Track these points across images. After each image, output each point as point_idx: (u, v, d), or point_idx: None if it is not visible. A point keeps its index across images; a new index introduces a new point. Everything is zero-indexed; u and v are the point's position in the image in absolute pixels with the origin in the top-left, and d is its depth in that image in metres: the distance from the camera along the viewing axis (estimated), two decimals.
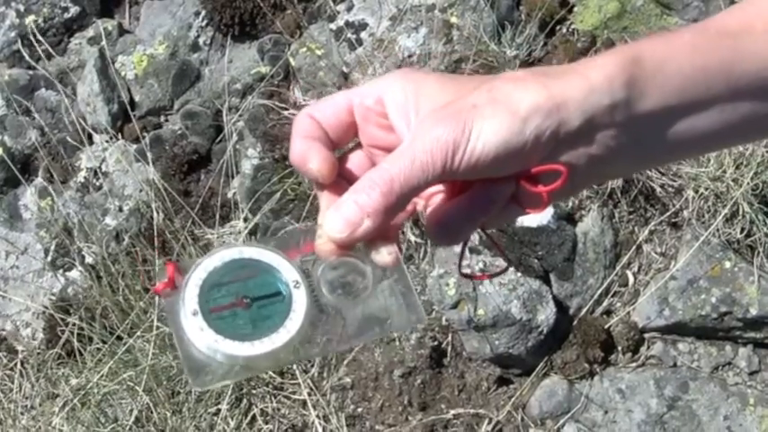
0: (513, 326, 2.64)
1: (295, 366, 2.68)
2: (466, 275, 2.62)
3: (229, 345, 0.94)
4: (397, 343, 2.71)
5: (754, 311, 2.68)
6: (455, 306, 2.65)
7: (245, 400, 2.66)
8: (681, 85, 0.99)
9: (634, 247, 2.78)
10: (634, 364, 2.71)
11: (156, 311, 2.59)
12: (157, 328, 2.59)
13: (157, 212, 2.85)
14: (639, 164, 1.09)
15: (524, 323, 2.64)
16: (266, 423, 2.63)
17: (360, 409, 2.65)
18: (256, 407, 2.64)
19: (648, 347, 2.75)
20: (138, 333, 2.63)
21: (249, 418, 2.63)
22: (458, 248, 0.97)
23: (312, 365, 2.71)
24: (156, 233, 2.77)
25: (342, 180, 0.96)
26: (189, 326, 0.94)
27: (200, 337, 0.93)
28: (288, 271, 0.99)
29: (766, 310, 2.68)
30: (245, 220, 2.86)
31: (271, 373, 2.64)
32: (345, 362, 2.73)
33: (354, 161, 0.99)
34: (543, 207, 0.94)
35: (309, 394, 2.63)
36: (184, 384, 2.63)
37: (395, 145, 0.91)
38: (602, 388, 2.68)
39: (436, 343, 2.67)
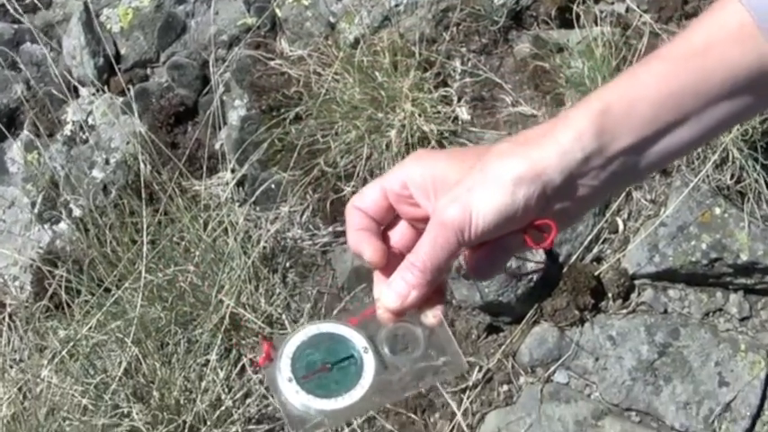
0: (503, 273, 2.62)
1: (284, 316, 2.68)
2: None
3: (319, 402, 1.21)
4: None
5: (744, 257, 2.66)
6: None
7: (234, 351, 2.65)
8: (652, 117, 1.13)
9: (623, 194, 2.77)
10: (624, 311, 2.70)
11: (143, 263, 2.57)
12: (145, 278, 2.57)
13: (144, 165, 2.83)
14: (627, 185, 1.35)
15: (514, 271, 2.63)
16: (255, 373, 2.62)
17: None
18: (245, 357, 2.64)
19: (639, 294, 2.73)
20: (126, 285, 2.62)
21: (238, 368, 2.62)
22: None
23: (301, 315, 2.70)
24: (143, 185, 2.75)
25: (391, 254, 1.20)
26: (286, 390, 1.21)
27: (296, 398, 1.20)
28: (358, 340, 1.24)
29: (756, 256, 2.66)
30: (233, 171, 2.85)
31: (259, 323, 2.63)
32: (334, 312, 2.71)
33: (399, 230, 1.23)
34: (550, 245, 1.13)
35: None
36: (173, 335, 2.63)
37: (426, 215, 1.14)
38: (593, 335, 2.67)
39: None
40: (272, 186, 2.81)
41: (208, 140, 2.90)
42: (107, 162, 2.96)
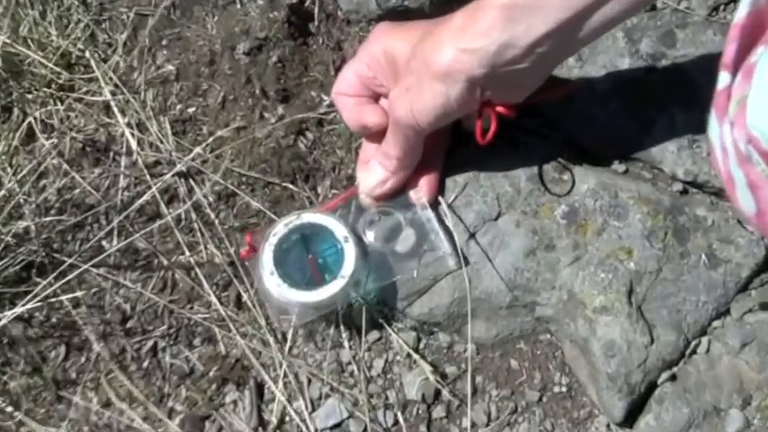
0: None
1: (87, 52, 1.78)
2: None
3: (300, 294, 1.31)
4: (239, 6, 1.79)
5: None
6: None
7: (16, 111, 1.75)
8: (566, 4, 1.13)
9: None
10: None
11: None
12: None
13: None
14: (568, 56, 1.44)
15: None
16: (49, 139, 1.73)
17: (192, 109, 1.75)
18: (34, 118, 1.74)
19: None
20: None
21: (23, 133, 1.73)
22: None
23: (114, 50, 1.80)
24: None
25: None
26: (269, 283, 1.32)
27: (278, 290, 1.31)
28: (339, 229, 1.34)
29: None
30: None
31: (50, 65, 1.73)
32: (164, 42, 1.81)
33: (382, 102, 1.38)
34: (485, 141, 1.31)
35: (114, 94, 1.73)
36: None
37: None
38: None
39: (296, 0, 1.76)
40: None
41: None
42: None
